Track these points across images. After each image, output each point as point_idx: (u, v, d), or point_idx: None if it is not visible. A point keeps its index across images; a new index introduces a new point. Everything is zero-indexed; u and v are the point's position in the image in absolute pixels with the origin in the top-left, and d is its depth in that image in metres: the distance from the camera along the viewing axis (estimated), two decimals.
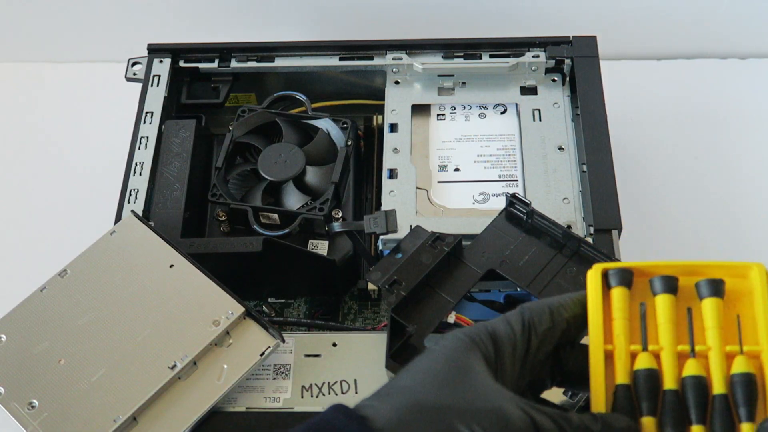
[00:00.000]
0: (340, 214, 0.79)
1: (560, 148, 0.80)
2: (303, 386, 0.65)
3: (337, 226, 0.73)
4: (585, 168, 0.77)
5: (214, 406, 0.62)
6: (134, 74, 0.88)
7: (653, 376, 0.45)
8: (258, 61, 0.88)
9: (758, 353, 0.45)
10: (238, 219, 0.80)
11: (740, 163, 0.99)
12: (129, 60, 0.88)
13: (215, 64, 0.88)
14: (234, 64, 0.88)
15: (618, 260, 0.64)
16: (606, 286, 0.48)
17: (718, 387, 0.44)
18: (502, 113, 0.84)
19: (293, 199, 0.79)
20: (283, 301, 0.81)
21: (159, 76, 0.87)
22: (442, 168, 0.81)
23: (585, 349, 0.47)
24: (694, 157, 1.00)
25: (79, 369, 0.63)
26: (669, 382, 0.45)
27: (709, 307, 0.46)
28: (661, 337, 0.46)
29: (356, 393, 0.64)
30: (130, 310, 0.66)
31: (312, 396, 0.64)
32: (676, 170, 0.99)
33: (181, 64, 0.88)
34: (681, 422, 0.43)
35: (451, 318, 0.65)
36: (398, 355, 0.62)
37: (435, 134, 0.83)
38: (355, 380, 0.65)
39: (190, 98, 0.88)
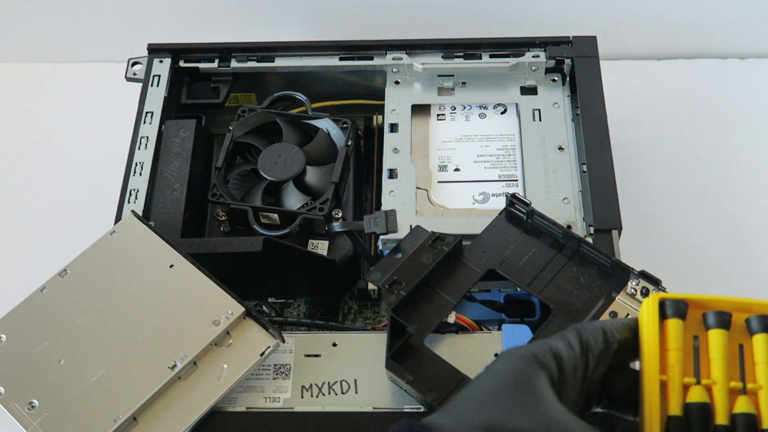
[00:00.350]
0: (340, 214, 0.79)
1: (560, 148, 0.80)
2: (303, 386, 0.65)
3: (337, 226, 0.73)
4: (585, 168, 0.77)
5: (214, 406, 0.62)
6: (134, 74, 0.88)
7: (706, 410, 0.45)
8: (258, 61, 0.88)
9: None
10: (238, 219, 0.80)
11: (740, 163, 0.99)
12: (129, 60, 0.88)
13: (215, 64, 0.88)
14: (234, 64, 0.88)
15: (627, 266, 0.64)
16: (661, 316, 0.48)
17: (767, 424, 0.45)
18: (502, 113, 0.84)
19: (293, 199, 0.79)
20: (283, 301, 0.81)
21: (159, 76, 0.87)
22: (442, 168, 0.81)
23: (633, 374, 0.48)
24: (694, 157, 1.00)
25: (79, 369, 0.63)
26: (721, 417, 0.45)
27: (760, 342, 0.47)
28: (714, 372, 0.47)
29: (356, 393, 0.64)
30: (130, 310, 0.66)
31: (312, 396, 0.64)
32: (676, 170, 0.99)
33: (181, 64, 0.88)
34: None
35: (451, 318, 0.65)
36: (398, 355, 0.62)
37: (435, 134, 0.83)
38: (355, 380, 0.65)
39: (190, 98, 0.88)
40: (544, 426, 0.41)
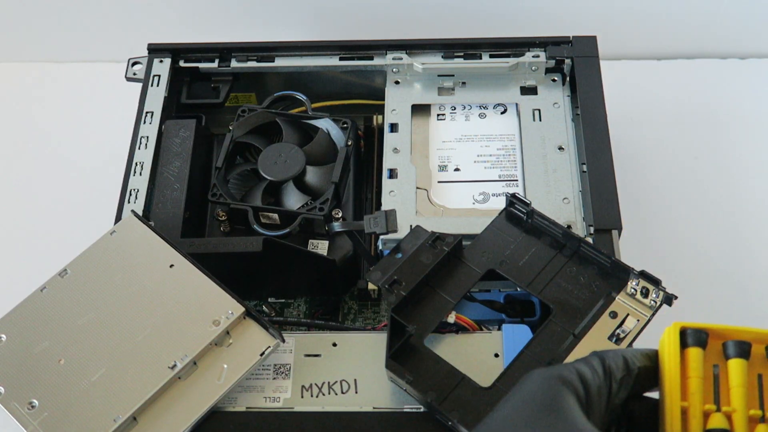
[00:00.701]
0: (340, 214, 0.79)
1: (560, 148, 0.80)
2: (303, 386, 0.65)
3: (337, 226, 0.73)
4: (585, 168, 0.77)
5: (214, 406, 0.62)
6: (134, 74, 0.88)
7: None
8: (258, 61, 0.88)
9: None
10: (238, 219, 0.80)
11: (740, 163, 0.99)
12: (129, 60, 0.88)
13: (215, 64, 0.88)
14: (234, 64, 0.88)
15: (627, 266, 0.64)
16: (682, 344, 0.49)
17: None
18: (502, 113, 0.84)
19: (293, 199, 0.79)
20: (283, 301, 0.81)
21: (159, 76, 0.87)
22: (442, 168, 0.81)
23: (652, 402, 0.49)
24: (694, 157, 1.00)
25: (79, 369, 0.63)
26: None
27: None
28: (734, 400, 0.48)
29: (356, 393, 0.64)
30: (130, 310, 0.66)
31: (312, 396, 0.64)
32: (676, 170, 0.99)
33: (181, 64, 0.88)
34: None
35: (451, 318, 0.65)
36: (398, 355, 0.62)
37: (435, 134, 0.83)
38: (355, 380, 0.65)
39: (190, 98, 0.88)
40: None
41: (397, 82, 0.86)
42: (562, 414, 0.43)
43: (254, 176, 0.82)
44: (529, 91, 0.85)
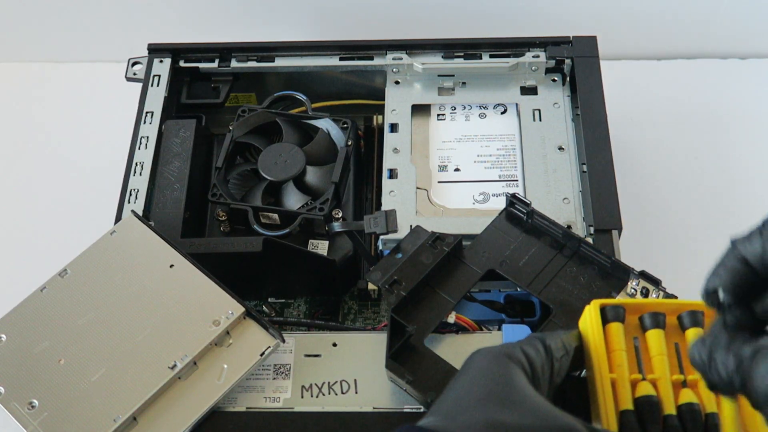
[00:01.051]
0: (340, 214, 0.79)
1: (560, 148, 0.80)
2: (303, 386, 0.65)
3: (337, 226, 0.73)
4: (585, 168, 0.77)
5: (214, 406, 0.62)
6: (134, 74, 0.88)
7: (654, 402, 0.48)
8: (258, 61, 0.88)
9: None
10: (238, 219, 0.80)
11: (740, 163, 0.99)
12: (129, 60, 0.88)
13: (215, 64, 0.88)
14: (234, 64, 0.88)
15: (627, 266, 0.65)
16: (603, 321, 0.52)
17: (710, 408, 0.48)
18: (502, 113, 0.85)
19: (293, 199, 0.79)
20: (283, 301, 0.81)
21: (159, 76, 0.87)
22: (442, 168, 0.81)
23: (581, 380, 0.51)
24: (694, 157, 1.00)
25: (79, 369, 0.63)
26: (668, 408, 0.48)
27: (693, 336, 0.50)
28: (656, 368, 0.50)
29: (356, 393, 0.64)
30: (130, 310, 0.66)
31: (312, 396, 0.64)
32: (676, 170, 0.99)
33: (181, 64, 0.88)
34: None
35: (451, 318, 0.65)
36: (398, 355, 0.62)
37: (435, 134, 0.83)
38: (355, 380, 0.65)
39: (190, 98, 0.88)
40: (537, 417, 0.42)
41: (397, 82, 0.86)
42: (515, 388, 0.44)
43: (254, 176, 0.82)
44: (529, 91, 0.85)
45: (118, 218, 0.76)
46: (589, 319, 0.51)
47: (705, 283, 0.43)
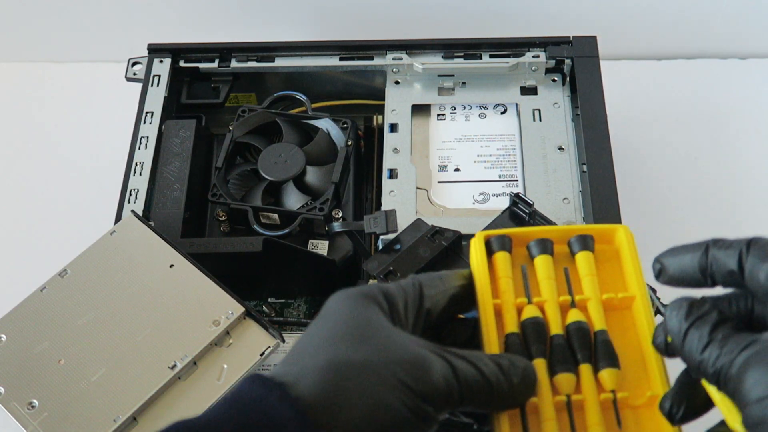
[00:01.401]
0: (340, 214, 0.79)
1: (560, 148, 0.80)
2: None
3: (337, 226, 0.73)
4: (585, 168, 0.77)
5: None
6: (134, 74, 0.88)
7: (540, 323, 0.48)
8: (258, 61, 0.88)
9: (632, 297, 0.49)
10: (238, 219, 0.80)
11: (740, 163, 0.99)
12: (129, 60, 0.88)
13: (215, 64, 0.88)
14: (234, 64, 0.88)
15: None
16: (489, 253, 0.51)
17: (598, 326, 0.48)
18: (502, 113, 0.85)
19: (293, 199, 0.79)
20: (283, 301, 0.81)
21: (159, 76, 0.87)
22: (442, 168, 0.81)
23: (472, 322, 0.50)
24: (694, 157, 1.00)
25: (79, 369, 0.63)
26: (555, 329, 0.48)
27: (582, 259, 0.50)
28: (543, 291, 0.49)
29: None
30: (130, 310, 0.66)
31: None
32: (676, 170, 0.99)
33: (181, 64, 0.88)
34: (569, 361, 0.46)
35: None
36: None
37: (435, 134, 0.83)
38: None
39: (190, 98, 0.88)
40: (384, 349, 0.42)
41: (397, 82, 0.86)
42: (367, 325, 0.43)
43: (254, 176, 0.82)
44: (529, 91, 0.85)
45: (118, 218, 0.76)
46: (474, 249, 0.51)
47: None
